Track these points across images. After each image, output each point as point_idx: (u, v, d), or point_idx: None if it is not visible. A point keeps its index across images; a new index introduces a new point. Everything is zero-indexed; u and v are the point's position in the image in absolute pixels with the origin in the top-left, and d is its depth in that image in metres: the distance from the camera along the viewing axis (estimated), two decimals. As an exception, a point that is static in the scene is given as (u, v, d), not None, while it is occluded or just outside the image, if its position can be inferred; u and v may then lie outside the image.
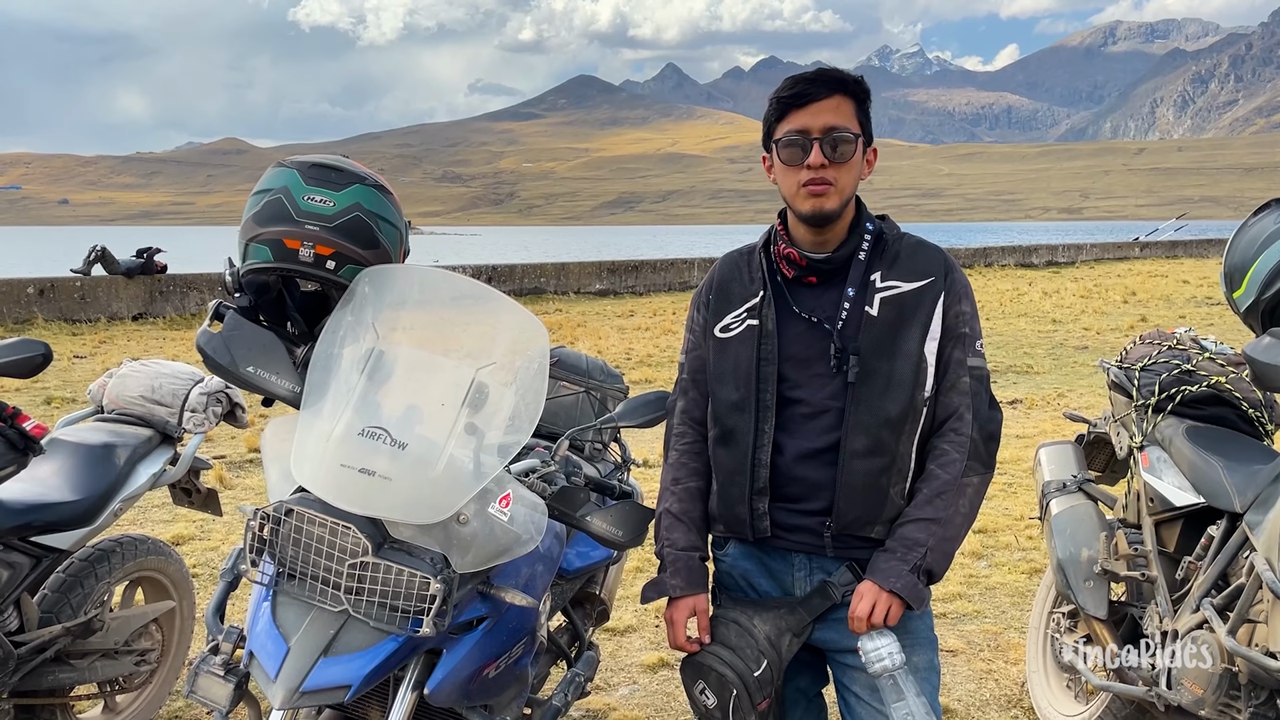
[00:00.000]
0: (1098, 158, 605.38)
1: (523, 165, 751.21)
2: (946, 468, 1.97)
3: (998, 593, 4.64)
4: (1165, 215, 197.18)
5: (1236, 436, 2.87)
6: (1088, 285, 21.99)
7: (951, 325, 2.01)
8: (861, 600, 1.93)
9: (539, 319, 1.96)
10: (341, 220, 2.07)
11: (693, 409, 2.17)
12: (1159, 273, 25.80)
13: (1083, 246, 31.24)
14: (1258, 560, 2.25)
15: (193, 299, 15.55)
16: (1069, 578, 3.00)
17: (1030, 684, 3.53)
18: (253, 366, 2.03)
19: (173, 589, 3.39)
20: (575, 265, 20.76)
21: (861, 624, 1.93)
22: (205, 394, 3.23)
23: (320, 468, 1.79)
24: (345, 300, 2.02)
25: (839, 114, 1.97)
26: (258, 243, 2.07)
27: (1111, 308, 17.85)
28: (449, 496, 1.78)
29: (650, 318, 16.52)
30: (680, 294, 21.02)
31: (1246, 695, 2.34)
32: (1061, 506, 3.18)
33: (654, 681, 3.81)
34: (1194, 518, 2.81)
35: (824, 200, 1.97)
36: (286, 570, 1.81)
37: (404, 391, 1.90)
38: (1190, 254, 33.28)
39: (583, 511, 2.08)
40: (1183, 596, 2.72)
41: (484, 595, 1.93)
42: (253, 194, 2.13)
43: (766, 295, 2.06)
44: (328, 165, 2.12)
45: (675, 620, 2.07)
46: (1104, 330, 14.77)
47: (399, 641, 1.77)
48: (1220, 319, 16.13)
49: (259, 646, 1.79)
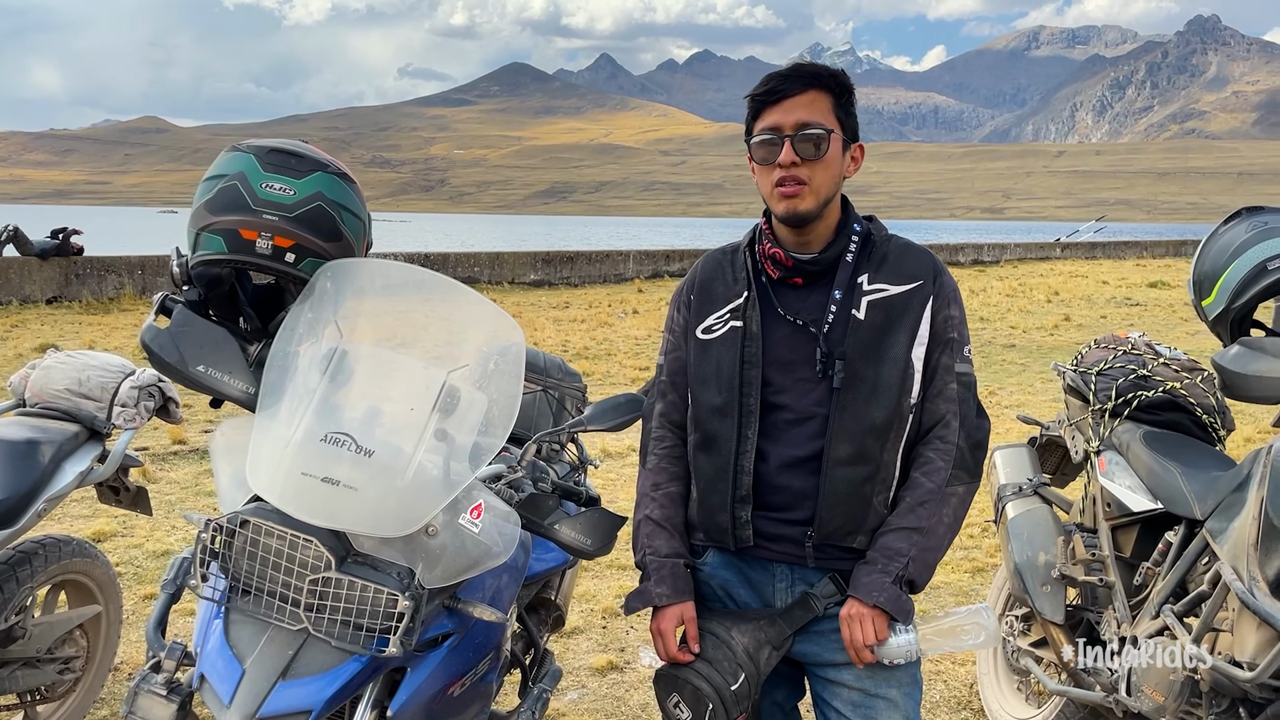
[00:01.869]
0: (1020, 159, 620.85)
1: (454, 152, 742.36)
2: (931, 476, 1.92)
3: (942, 592, 4.66)
4: (1083, 217, 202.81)
5: (1192, 443, 2.89)
6: (1013, 284, 22.46)
7: (940, 330, 1.96)
8: (852, 629, 1.88)
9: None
10: (302, 210, 1.92)
11: (671, 412, 2.09)
12: (1079, 273, 26.49)
13: (1007, 246, 31.93)
14: (1224, 570, 2.25)
15: (110, 282, 14.97)
16: (1026, 582, 3.00)
17: (981, 686, 3.54)
18: (203, 365, 1.88)
19: (98, 592, 3.20)
20: (510, 255, 20.52)
21: (866, 654, 1.88)
22: (137, 387, 3.06)
23: (278, 476, 1.66)
24: (305, 295, 1.88)
25: (813, 110, 1.90)
26: (210, 232, 1.91)
27: (1036, 306, 18.25)
28: (418, 507, 1.67)
29: (586, 309, 16.39)
30: (615, 285, 20.92)
31: (1208, 703, 2.35)
32: (1018, 510, 3.18)
33: (603, 685, 3.73)
34: (1151, 523, 2.82)
35: (798, 201, 1.90)
36: (241, 585, 1.68)
37: (369, 394, 1.77)
38: (1108, 255, 34.26)
39: (551, 520, 1.99)
40: (1141, 602, 2.73)
41: (450, 610, 1.83)
42: (204, 179, 1.97)
43: (751, 296, 1.99)
44: (287, 150, 1.97)
45: (664, 631, 1.98)
46: (1030, 329, 15.09)
47: (363, 662, 1.66)
48: (1140, 319, 16.62)
49: (210, 668, 1.65)
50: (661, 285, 21.14)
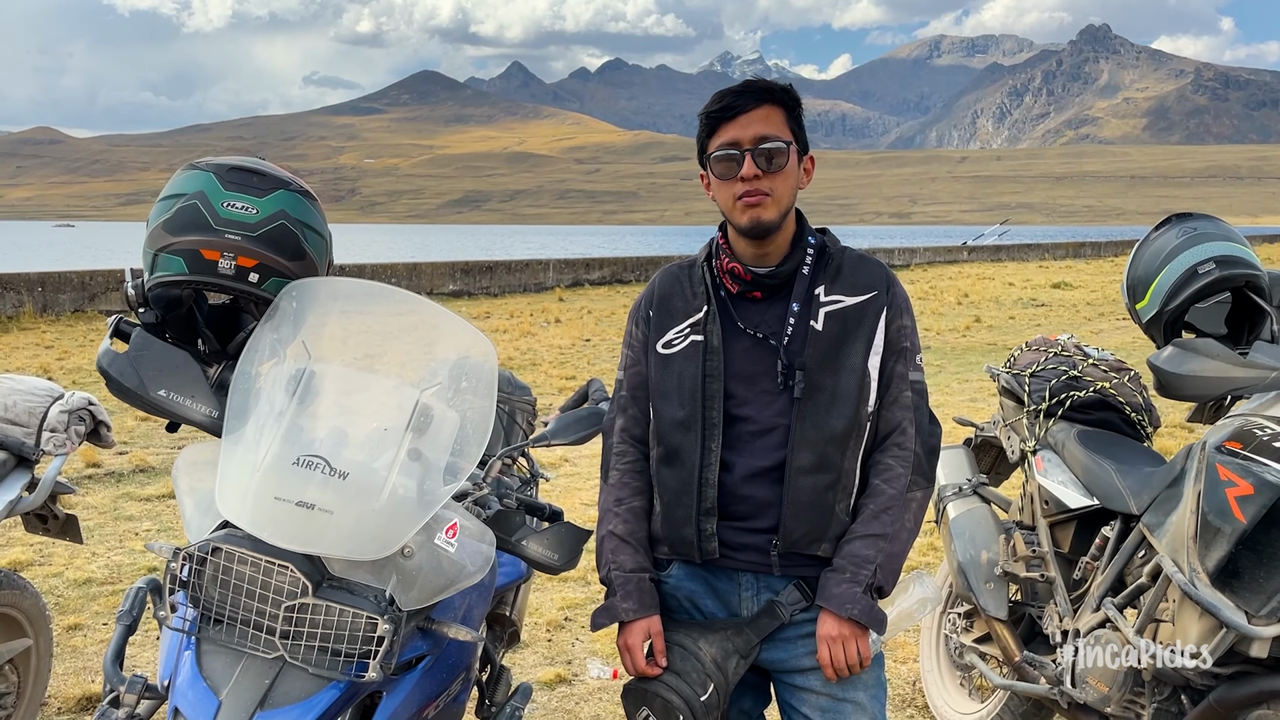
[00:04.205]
0: (925, 165, 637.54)
1: (364, 161, 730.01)
2: (891, 483, 1.97)
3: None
4: (987, 220, 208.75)
5: (1124, 440, 3.01)
6: (923, 288, 23.04)
7: (894, 339, 2.01)
8: (834, 651, 1.92)
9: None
10: (266, 229, 1.87)
11: (633, 426, 2.10)
12: (986, 275, 27.33)
13: (916, 250, 32.79)
14: (1165, 562, 2.35)
15: (9, 300, 14.38)
16: (969, 580, 3.08)
17: (925, 683, 3.62)
18: (164, 390, 1.82)
19: (28, 625, 3.07)
20: (428, 265, 20.31)
21: (844, 672, 1.93)
22: (66, 411, 2.94)
23: (249, 500, 1.62)
24: (269, 316, 1.83)
25: (768, 123, 1.94)
26: (170, 253, 1.85)
27: (947, 309, 18.77)
28: (395, 528, 1.65)
29: (507, 319, 16.30)
30: (536, 295, 20.85)
31: (1150, 691, 2.45)
32: (959, 510, 3.26)
33: (552, 699, 3.71)
34: (1088, 519, 2.92)
35: (761, 211, 1.94)
36: (213, 615, 1.64)
37: (339, 415, 1.74)
38: (1012, 258, 35.42)
39: (518, 536, 1.99)
40: (1081, 596, 2.83)
41: (424, 631, 1.80)
42: (160, 199, 1.91)
43: (711, 310, 2.02)
44: (248, 169, 1.92)
45: (632, 646, 1.98)
46: (943, 331, 15.51)
47: (341, 688, 1.62)
48: (1046, 319, 17.21)
49: (183, 700, 1.60)
50: (583, 294, 21.14)
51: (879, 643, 1.97)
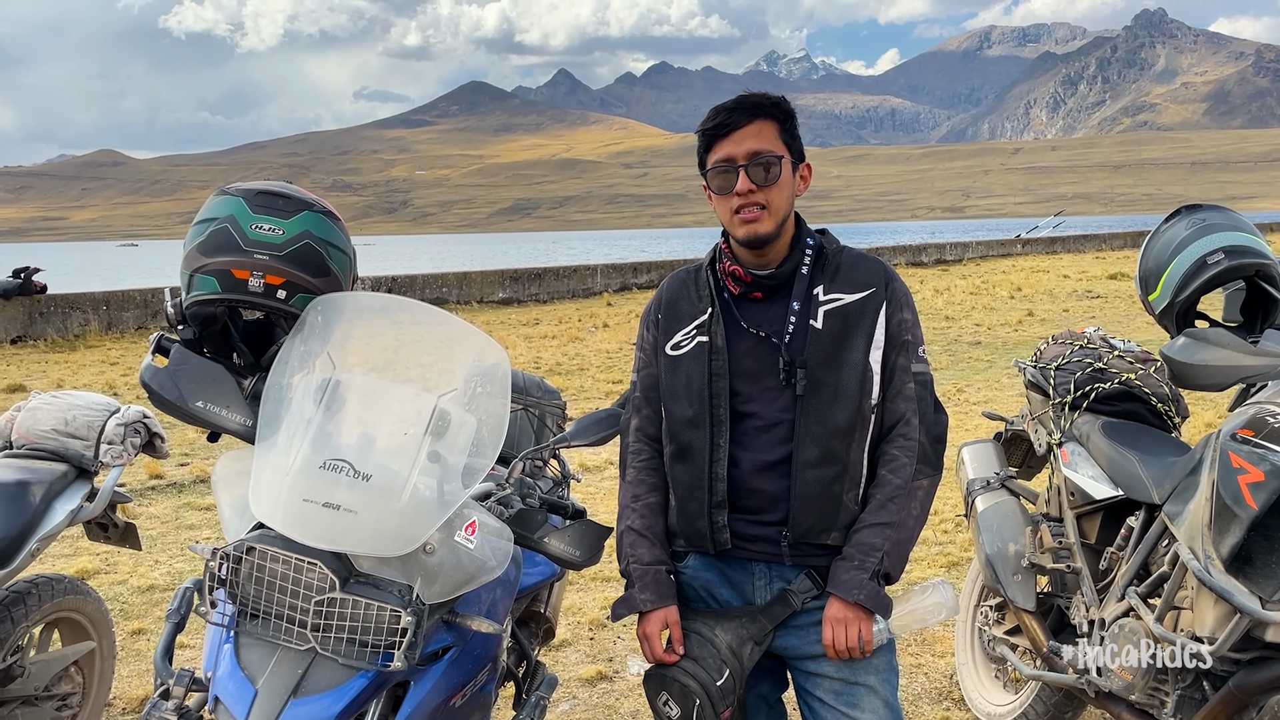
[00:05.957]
0: (977, 158, 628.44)
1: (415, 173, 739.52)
2: (897, 472, 2.04)
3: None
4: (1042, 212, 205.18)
5: (1149, 430, 3.02)
6: (976, 282, 22.78)
7: (894, 333, 2.08)
8: (836, 632, 1.99)
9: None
10: (292, 249, 2.01)
11: (647, 426, 2.20)
12: (1041, 268, 26.88)
13: (969, 244, 32.35)
14: (1181, 550, 2.37)
15: (75, 319, 14.87)
16: (998, 572, 3.11)
17: (960, 676, 3.65)
18: (202, 401, 1.96)
19: (92, 629, 3.24)
20: (477, 274, 20.55)
21: (844, 654, 2.00)
22: (122, 424, 3.10)
23: (280, 503, 1.74)
24: (297, 330, 1.96)
25: (761, 138, 2.03)
26: (204, 273, 2.00)
27: (1000, 303, 18.53)
28: (416, 527, 1.75)
29: (556, 325, 16.46)
30: (584, 300, 21.01)
31: (1174, 678, 2.47)
32: (987, 503, 3.29)
33: (593, 695, 3.80)
34: (1113, 510, 2.94)
35: (757, 225, 2.03)
36: (249, 610, 1.76)
37: (363, 421, 1.86)
38: (1068, 249, 34.77)
39: (540, 533, 2.07)
40: (1107, 586, 2.85)
41: (449, 624, 1.91)
42: (195, 223, 2.05)
43: (715, 312, 2.11)
44: (274, 192, 2.06)
45: (650, 634, 2.09)
46: (995, 325, 15.34)
47: (369, 677, 1.73)
48: (1101, 311, 16.92)
49: (224, 690, 1.73)
50: (630, 298, 21.25)
51: (887, 631, 2.04)
